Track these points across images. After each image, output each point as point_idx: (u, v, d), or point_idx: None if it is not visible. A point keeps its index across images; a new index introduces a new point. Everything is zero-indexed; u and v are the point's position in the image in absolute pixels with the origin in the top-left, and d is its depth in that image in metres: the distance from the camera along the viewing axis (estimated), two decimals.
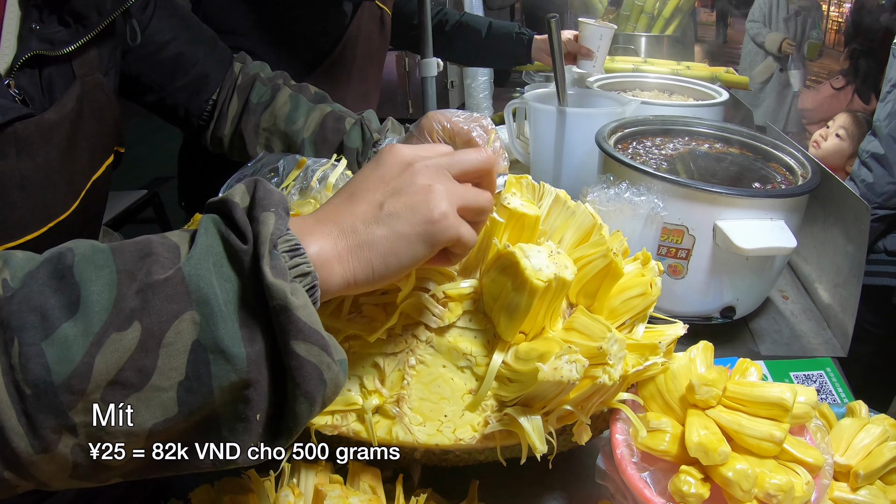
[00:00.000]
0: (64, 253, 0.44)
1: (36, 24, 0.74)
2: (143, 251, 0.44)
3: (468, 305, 0.66)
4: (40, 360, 0.40)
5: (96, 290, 0.42)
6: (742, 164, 1.20)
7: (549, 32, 1.28)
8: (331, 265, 0.49)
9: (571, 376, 0.55)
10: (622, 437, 0.67)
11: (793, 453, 0.65)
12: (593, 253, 0.67)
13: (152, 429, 0.42)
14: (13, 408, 0.40)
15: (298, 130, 1.04)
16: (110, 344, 0.41)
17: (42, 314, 0.41)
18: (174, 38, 1.01)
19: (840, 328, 1.15)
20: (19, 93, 0.73)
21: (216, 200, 0.48)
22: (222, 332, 0.42)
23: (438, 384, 0.64)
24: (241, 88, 1.08)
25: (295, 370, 0.43)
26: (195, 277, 0.43)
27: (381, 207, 0.51)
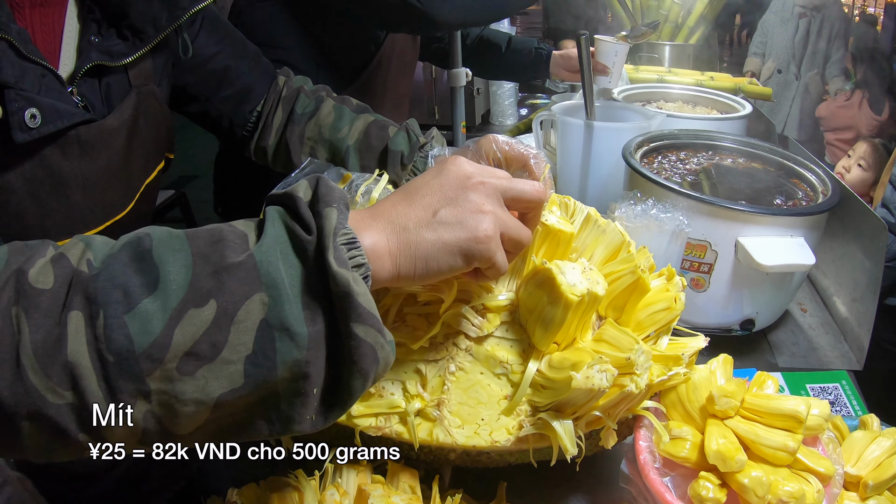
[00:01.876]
0: (142, 238, 0.49)
1: (95, 36, 0.80)
2: (216, 237, 0.49)
3: (505, 317, 0.70)
4: (123, 331, 0.45)
5: (174, 271, 0.47)
6: (765, 179, 1.24)
7: (579, 49, 1.32)
8: (382, 258, 0.54)
9: (602, 384, 0.59)
10: (645, 444, 0.71)
11: (805, 463, 0.69)
12: (622, 269, 0.71)
13: (219, 398, 0.47)
14: (95, 373, 0.45)
15: (343, 139, 1.08)
16: (188, 318, 0.46)
17: (125, 291, 0.46)
18: (220, 51, 1.06)
19: (856, 342, 1.18)
20: (81, 100, 0.78)
21: (280, 194, 0.53)
22: (287, 312, 0.47)
23: (476, 390, 0.68)
24: (285, 100, 1.13)
25: (353, 349, 0.48)
26: (265, 263, 0.48)
27: (435, 214, 0.56)
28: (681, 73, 2.08)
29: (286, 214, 0.51)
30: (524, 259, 0.71)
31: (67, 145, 0.75)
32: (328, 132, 1.09)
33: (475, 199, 0.57)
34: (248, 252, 0.48)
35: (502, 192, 0.59)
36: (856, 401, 1.04)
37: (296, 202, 0.51)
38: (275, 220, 0.51)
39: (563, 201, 0.78)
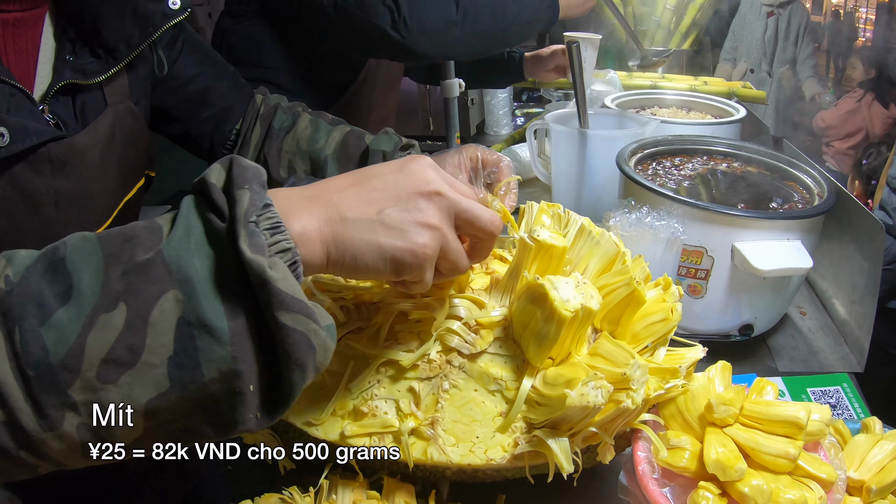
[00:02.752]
0: (58, 246, 0.49)
1: (70, 55, 0.81)
2: (127, 235, 0.48)
3: (498, 332, 0.70)
4: (39, 343, 0.44)
5: (86, 277, 0.46)
6: (760, 183, 1.23)
7: (570, 56, 1.32)
8: (313, 244, 0.52)
9: (597, 401, 0.59)
10: (644, 455, 0.71)
11: (807, 469, 0.69)
12: (617, 281, 0.71)
13: (149, 405, 0.46)
14: (19, 389, 0.44)
15: (321, 149, 1.09)
16: (100, 325, 0.45)
17: (39, 303, 0.45)
18: (200, 73, 1.07)
19: (856, 344, 1.17)
20: (53, 118, 0.78)
21: (197, 181, 0.52)
22: (204, 308, 0.46)
23: (470, 407, 0.68)
24: (263, 117, 1.13)
25: (283, 339, 0.47)
26: (176, 258, 0.46)
27: (380, 212, 0.54)
28: (674, 79, 2.08)
29: (201, 202, 0.50)
30: (517, 274, 0.71)
31: (38, 162, 0.75)
32: (306, 144, 1.10)
33: (425, 210, 0.55)
34: (158, 248, 0.47)
35: (457, 211, 0.57)
36: (857, 403, 1.04)
37: (209, 188, 0.50)
38: (189, 209, 0.50)
39: (555, 212, 0.77)
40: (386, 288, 0.73)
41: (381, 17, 1.31)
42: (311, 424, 0.70)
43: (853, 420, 0.94)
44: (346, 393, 0.70)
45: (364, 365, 0.70)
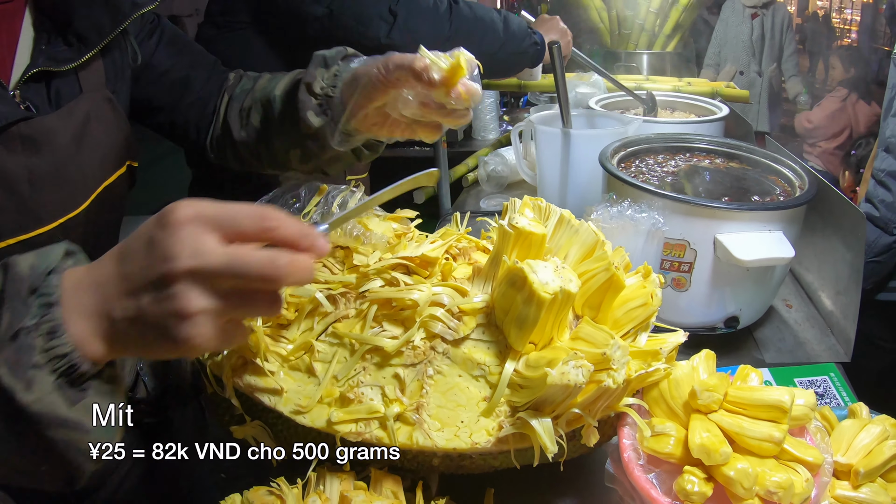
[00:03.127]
0: None
1: (44, 44, 0.83)
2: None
3: (481, 319, 0.71)
4: None
5: None
6: (742, 177, 1.24)
7: (552, 58, 1.34)
8: (93, 345, 0.51)
9: (578, 380, 0.59)
10: (629, 442, 0.71)
11: (793, 453, 0.69)
12: (596, 267, 0.72)
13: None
14: None
15: (272, 90, 1.04)
16: None
17: None
18: (179, 60, 1.08)
19: (842, 334, 1.18)
20: (24, 102, 0.80)
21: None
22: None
23: (455, 392, 0.68)
24: (230, 87, 1.13)
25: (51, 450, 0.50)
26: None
27: (138, 309, 0.50)
28: (659, 80, 2.11)
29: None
30: (497, 262, 0.71)
31: (9, 141, 0.76)
32: (259, 92, 1.07)
33: (179, 296, 0.48)
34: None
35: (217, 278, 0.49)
36: (845, 392, 1.05)
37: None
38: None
39: (536, 204, 0.78)
40: (371, 278, 0.74)
41: (377, 29, 1.33)
42: (298, 412, 0.71)
43: (841, 408, 0.95)
44: (332, 381, 0.71)
45: (350, 353, 0.71)
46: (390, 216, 0.87)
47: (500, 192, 1.93)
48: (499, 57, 1.54)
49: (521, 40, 1.51)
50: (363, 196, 0.86)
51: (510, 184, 1.94)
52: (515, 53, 1.56)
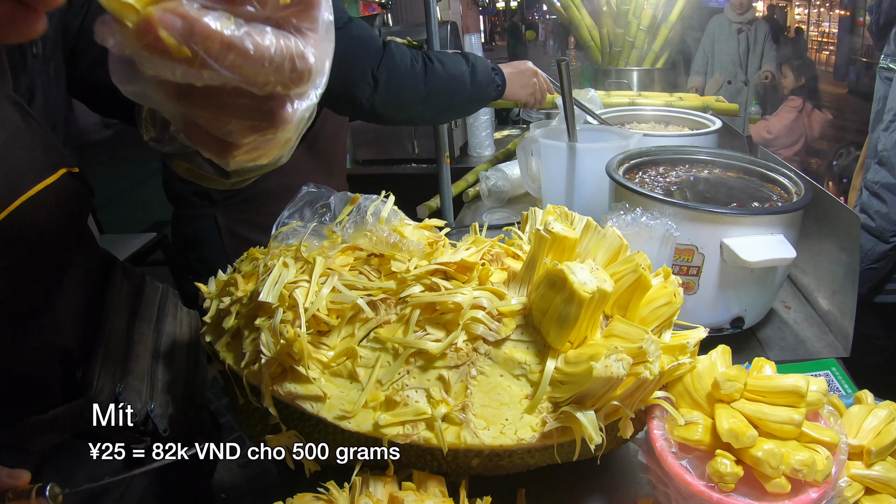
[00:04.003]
0: None
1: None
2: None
3: (520, 320, 0.75)
4: None
5: None
6: (740, 186, 1.30)
7: (560, 74, 1.39)
8: None
9: (620, 372, 0.64)
10: (660, 432, 0.76)
11: (811, 434, 0.74)
12: (624, 269, 0.77)
13: None
14: None
15: None
16: None
17: None
18: None
19: (841, 331, 1.24)
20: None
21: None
22: None
23: (498, 391, 0.72)
24: None
25: None
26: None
27: None
28: (651, 96, 2.17)
29: None
30: (533, 266, 0.76)
31: None
32: None
33: None
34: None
35: None
36: (847, 384, 1.10)
37: None
38: None
39: (561, 211, 0.83)
40: (410, 283, 0.78)
41: (360, 90, 1.39)
42: (343, 418, 0.73)
43: (845, 398, 1.00)
44: (376, 385, 0.74)
45: (393, 357, 0.74)
46: (421, 225, 0.91)
47: (502, 206, 1.98)
48: (465, 107, 1.63)
49: (486, 87, 1.57)
50: (394, 206, 0.91)
51: (511, 198, 1.99)
52: (479, 101, 1.63)
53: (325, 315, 0.77)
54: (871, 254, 1.84)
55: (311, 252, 0.86)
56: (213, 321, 0.90)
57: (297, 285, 0.80)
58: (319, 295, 0.78)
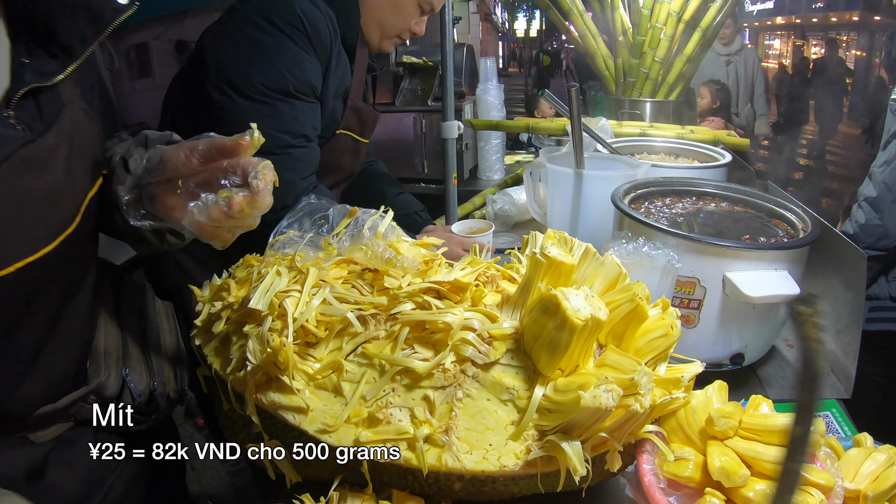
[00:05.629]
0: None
1: (25, 57, 0.81)
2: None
3: (510, 344, 0.73)
4: None
5: None
6: (746, 220, 1.29)
7: (569, 100, 1.39)
8: None
9: (609, 403, 0.62)
10: (649, 467, 0.74)
11: (806, 477, 0.72)
12: (621, 298, 0.75)
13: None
14: None
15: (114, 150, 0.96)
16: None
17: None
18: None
19: (843, 372, 1.21)
20: (19, 122, 0.79)
21: None
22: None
23: (483, 416, 0.71)
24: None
25: None
26: None
27: None
28: (662, 128, 2.16)
29: None
30: (528, 290, 0.75)
31: (12, 167, 0.75)
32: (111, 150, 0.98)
33: None
34: None
35: None
36: (846, 426, 1.08)
37: None
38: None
39: (561, 236, 0.82)
40: (402, 300, 0.77)
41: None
42: (324, 431, 0.72)
43: (844, 440, 0.98)
44: (360, 401, 0.72)
45: (379, 374, 0.73)
46: (418, 242, 0.90)
47: (507, 230, 1.97)
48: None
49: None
50: (392, 222, 0.90)
51: (517, 223, 1.98)
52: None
53: (313, 326, 0.77)
54: (872, 238, 1.88)
55: (306, 263, 0.86)
56: (203, 324, 0.89)
57: (289, 294, 0.80)
58: (309, 305, 0.78)
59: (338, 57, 1.49)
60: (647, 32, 2.39)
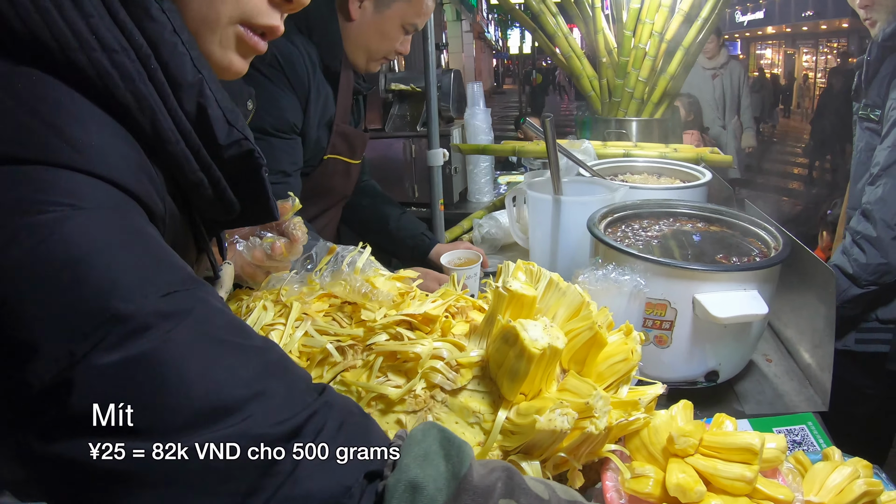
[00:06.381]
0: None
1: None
2: None
3: (477, 371, 0.78)
4: None
5: None
6: (722, 240, 1.33)
7: (545, 130, 1.44)
8: None
9: (563, 426, 0.67)
10: (611, 484, 0.78)
11: (765, 492, 0.76)
12: (581, 326, 0.80)
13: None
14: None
15: None
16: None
17: None
18: None
19: (819, 385, 1.25)
20: None
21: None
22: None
23: None
24: None
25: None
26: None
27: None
28: (646, 147, 2.21)
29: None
30: (492, 321, 0.80)
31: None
32: None
33: None
34: None
35: None
36: (822, 439, 1.11)
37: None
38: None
39: (528, 268, 0.87)
40: (377, 332, 0.82)
41: None
42: None
43: (818, 453, 1.01)
44: None
45: (356, 400, 0.78)
46: (394, 276, 0.96)
47: (494, 253, 2.01)
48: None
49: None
50: (370, 257, 0.96)
51: (503, 245, 2.03)
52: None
53: (296, 357, 0.82)
54: (843, 295, 1.87)
55: (290, 297, 0.91)
56: None
57: (274, 328, 0.86)
58: (292, 338, 0.85)
59: (317, 90, 1.55)
60: (630, 53, 2.44)
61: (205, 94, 0.64)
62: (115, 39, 0.58)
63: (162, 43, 0.61)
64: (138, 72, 0.59)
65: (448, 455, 0.57)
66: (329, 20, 1.55)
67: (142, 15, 0.60)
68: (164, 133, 0.61)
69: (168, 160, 0.64)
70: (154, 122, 0.60)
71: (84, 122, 0.55)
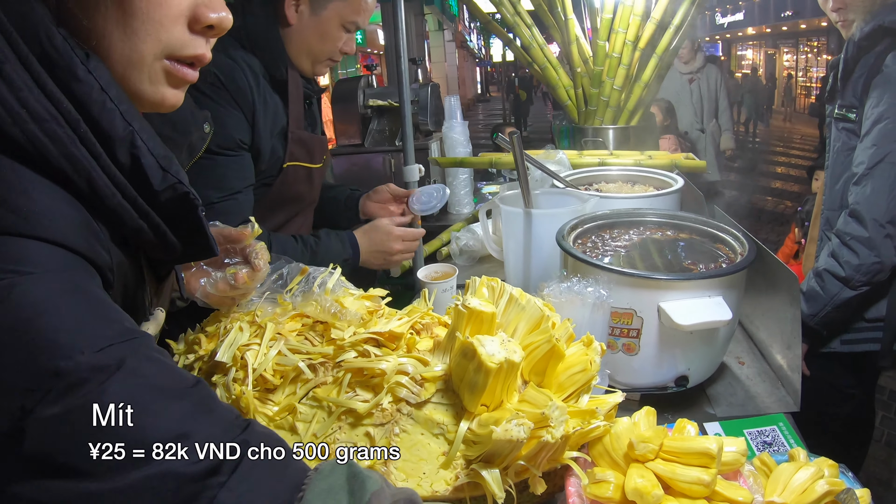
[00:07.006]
0: None
1: None
2: None
3: (440, 385, 0.82)
4: None
5: None
6: (691, 247, 1.36)
7: (512, 145, 1.47)
8: None
9: (519, 435, 0.70)
10: (574, 489, 0.81)
11: (724, 494, 0.79)
12: (539, 339, 0.83)
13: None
14: None
15: None
16: None
17: None
18: None
19: (790, 385, 1.28)
20: None
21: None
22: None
23: (418, 448, 0.80)
24: None
25: None
26: None
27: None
28: (622, 155, 2.24)
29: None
30: (454, 337, 0.83)
31: None
32: None
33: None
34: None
35: None
36: (793, 439, 1.13)
37: None
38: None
39: (489, 284, 0.90)
40: (346, 349, 0.86)
41: None
42: None
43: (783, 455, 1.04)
44: (312, 438, 0.82)
45: (327, 414, 0.83)
46: (364, 295, 0.99)
47: (472, 265, 2.04)
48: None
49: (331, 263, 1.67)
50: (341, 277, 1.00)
51: (481, 257, 2.06)
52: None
53: (270, 375, 0.87)
54: (835, 299, 1.87)
55: (264, 318, 0.94)
56: None
57: (249, 348, 0.91)
58: (267, 357, 0.89)
59: (264, 101, 1.56)
60: (604, 62, 2.47)
61: (136, 144, 0.69)
62: (45, 109, 0.62)
63: (91, 102, 0.66)
64: (69, 137, 0.64)
65: (352, 490, 0.61)
66: (268, 29, 1.57)
67: (69, 79, 0.64)
68: (101, 189, 0.67)
69: (108, 213, 0.69)
70: (90, 181, 0.65)
71: (26, 190, 0.61)
